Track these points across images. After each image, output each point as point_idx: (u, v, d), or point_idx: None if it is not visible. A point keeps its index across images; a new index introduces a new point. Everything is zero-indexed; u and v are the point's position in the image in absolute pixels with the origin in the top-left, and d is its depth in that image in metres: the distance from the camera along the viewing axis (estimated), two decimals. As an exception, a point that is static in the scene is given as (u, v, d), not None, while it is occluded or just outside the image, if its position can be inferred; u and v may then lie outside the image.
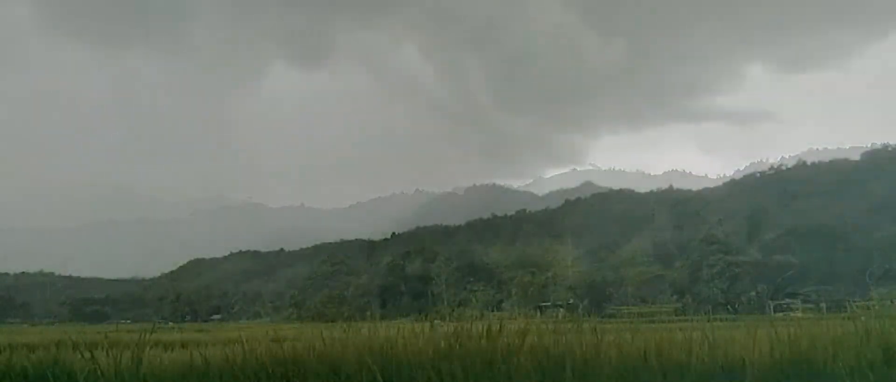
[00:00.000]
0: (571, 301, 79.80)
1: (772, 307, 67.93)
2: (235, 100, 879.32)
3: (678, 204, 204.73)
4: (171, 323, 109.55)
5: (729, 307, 72.38)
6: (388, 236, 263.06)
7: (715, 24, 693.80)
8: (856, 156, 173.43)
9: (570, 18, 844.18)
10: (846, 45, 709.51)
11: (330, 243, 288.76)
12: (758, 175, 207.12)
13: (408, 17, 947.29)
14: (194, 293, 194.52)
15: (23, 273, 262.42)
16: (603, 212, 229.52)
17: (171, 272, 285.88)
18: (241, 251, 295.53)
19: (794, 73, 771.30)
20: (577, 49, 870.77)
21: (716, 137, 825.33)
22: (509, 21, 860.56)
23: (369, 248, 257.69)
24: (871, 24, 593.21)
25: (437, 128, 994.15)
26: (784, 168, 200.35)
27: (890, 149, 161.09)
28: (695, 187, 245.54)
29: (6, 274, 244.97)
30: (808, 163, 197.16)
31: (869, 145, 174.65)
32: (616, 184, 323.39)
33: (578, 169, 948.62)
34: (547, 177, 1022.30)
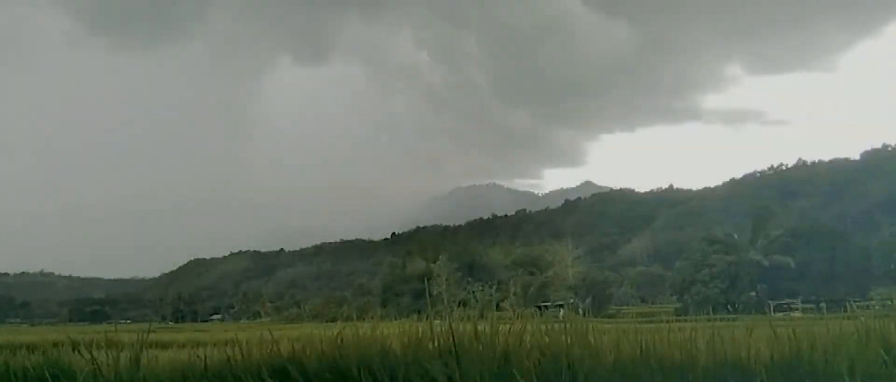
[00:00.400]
0: (571, 301, 79.77)
1: (772, 307, 67.89)
2: (235, 101, 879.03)
3: (678, 204, 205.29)
4: (170, 323, 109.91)
5: (729, 307, 72.33)
6: (388, 236, 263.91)
7: (715, 24, 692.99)
8: (855, 156, 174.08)
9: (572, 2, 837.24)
10: (839, 42, 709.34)
11: (330, 243, 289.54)
12: (758, 175, 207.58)
13: (409, 12, 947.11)
14: (194, 293, 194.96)
15: (23, 273, 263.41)
16: (603, 212, 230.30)
17: (171, 272, 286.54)
18: (241, 251, 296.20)
19: (794, 73, 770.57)
20: (579, 41, 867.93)
21: (716, 137, 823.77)
22: (512, 9, 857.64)
23: (369, 248, 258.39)
24: (861, 20, 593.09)
25: (438, 127, 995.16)
26: (784, 168, 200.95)
27: (889, 149, 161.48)
28: (695, 187, 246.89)
29: (6, 274, 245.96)
30: (808, 162, 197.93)
31: (868, 146, 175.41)
32: (616, 184, 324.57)
33: (578, 168, 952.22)
34: (547, 176, 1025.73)
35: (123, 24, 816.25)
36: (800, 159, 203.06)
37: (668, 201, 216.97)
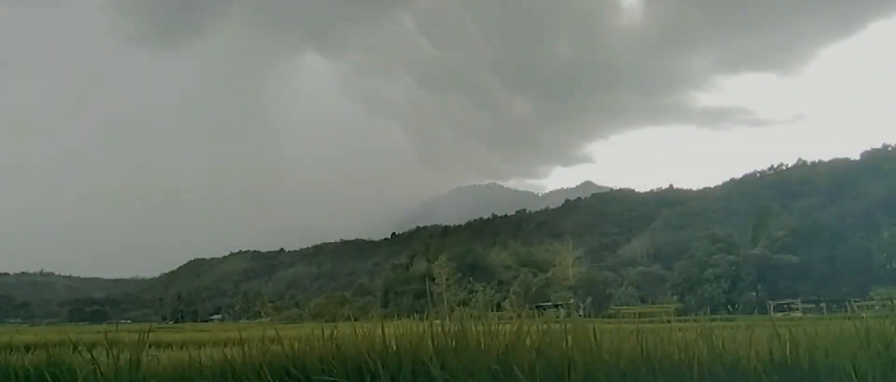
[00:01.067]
0: (572, 301, 79.77)
1: (772, 307, 67.93)
2: (234, 102, 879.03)
3: (678, 204, 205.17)
4: (170, 323, 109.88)
5: (729, 307, 72.34)
6: (388, 236, 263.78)
7: (715, 23, 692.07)
8: (855, 156, 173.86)
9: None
10: (838, 41, 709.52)
11: (330, 243, 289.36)
12: (758, 175, 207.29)
13: (414, 10, 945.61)
14: (194, 293, 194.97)
15: (23, 273, 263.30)
16: (603, 212, 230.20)
17: (171, 272, 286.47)
18: (241, 251, 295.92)
19: (795, 73, 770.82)
20: (581, 32, 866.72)
21: (717, 137, 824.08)
22: (516, 4, 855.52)
23: (369, 248, 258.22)
24: (859, 18, 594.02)
25: (438, 126, 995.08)
26: (784, 168, 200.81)
27: (889, 149, 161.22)
28: (695, 187, 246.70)
29: (6, 274, 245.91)
30: (808, 162, 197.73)
31: (868, 146, 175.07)
32: (616, 184, 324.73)
33: (578, 168, 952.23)
34: (547, 176, 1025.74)
35: (121, 25, 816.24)
36: (800, 159, 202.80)
37: (668, 201, 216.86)
